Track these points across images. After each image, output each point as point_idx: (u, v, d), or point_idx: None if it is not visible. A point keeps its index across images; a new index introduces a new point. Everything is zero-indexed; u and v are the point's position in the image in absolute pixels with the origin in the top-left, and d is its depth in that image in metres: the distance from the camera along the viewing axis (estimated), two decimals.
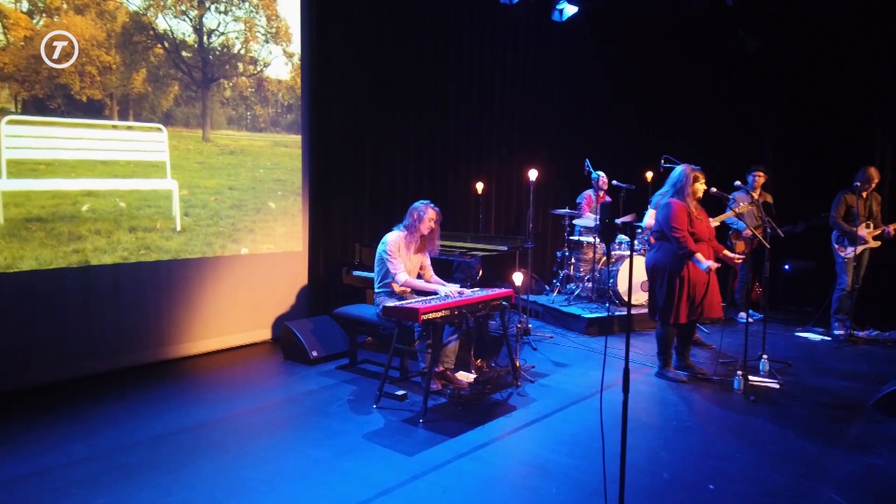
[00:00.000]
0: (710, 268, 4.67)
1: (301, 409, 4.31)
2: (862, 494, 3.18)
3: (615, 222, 2.46)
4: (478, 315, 4.62)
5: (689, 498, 3.12)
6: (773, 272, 7.90)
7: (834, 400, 4.61)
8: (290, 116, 6.09)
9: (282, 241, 6.04)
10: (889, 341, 6.33)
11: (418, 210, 4.74)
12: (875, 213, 6.37)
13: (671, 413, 4.34)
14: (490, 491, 3.19)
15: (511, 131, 8.30)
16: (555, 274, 7.93)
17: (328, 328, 5.56)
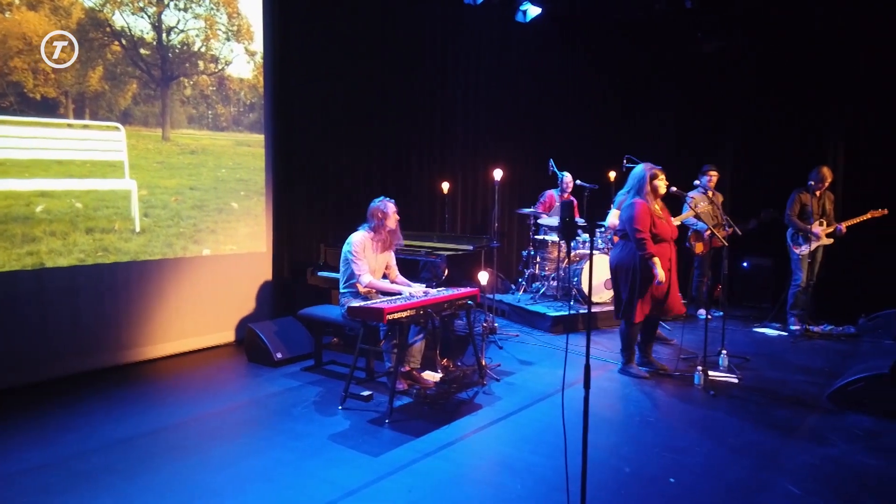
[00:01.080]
0: (662, 279, 4.74)
1: (265, 411, 4.27)
2: (817, 485, 3.27)
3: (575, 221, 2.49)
4: (443, 314, 4.64)
5: (650, 492, 3.18)
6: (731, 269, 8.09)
7: (790, 393, 4.74)
8: (253, 115, 6.01)
9: (245, 242, 5.96)
10: (843, 335, 6.53)
11: (381, 208, 4.73)
12: (828, 211, 6.56)
13: (634, 409, 4.41)
14: (455, 489, 3.20)
15: (476, 131, 8.33)
16: (520, 273, 7.98)
17: (293, 329, 5.51)
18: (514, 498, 3.10)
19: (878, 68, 7.45)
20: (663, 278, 4.74)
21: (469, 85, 8.16)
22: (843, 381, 4.42)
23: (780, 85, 8.01)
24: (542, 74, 8.87)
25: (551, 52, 8.83)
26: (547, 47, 8.76)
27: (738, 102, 8.42)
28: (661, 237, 4.87)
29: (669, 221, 5.04)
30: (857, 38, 7.44)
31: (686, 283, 7.57)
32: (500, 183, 6.80)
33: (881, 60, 7.42)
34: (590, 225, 2.69)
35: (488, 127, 8.43)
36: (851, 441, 3.83)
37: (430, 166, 7.75)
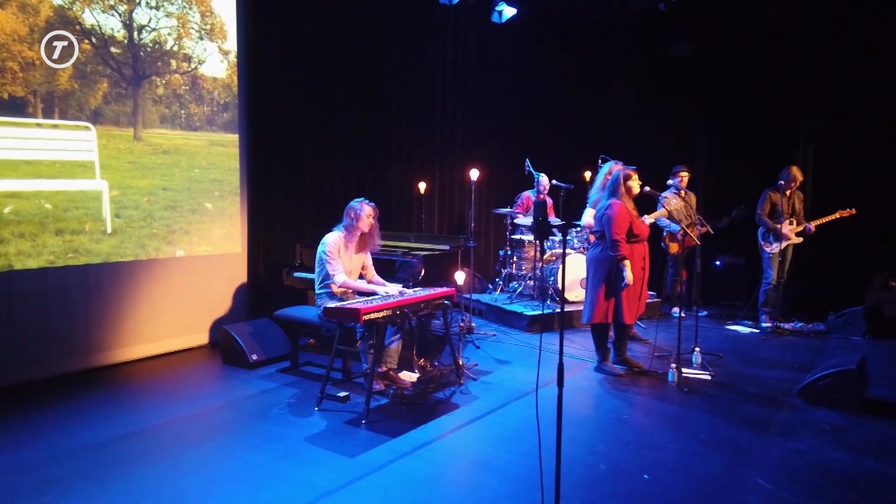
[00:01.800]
0: (630, 282, 4.79)
1: (240, 413, 4.23)
2: (787, 479, 3.33)
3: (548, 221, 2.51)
4: (420, 314, 4.64)
5: (625, 488, 3.21)
6: (704, 268, 8.22)
7: (762, 389, 4.82)
8: (227, 115, 5.95)
9: (219, 243, 5.90)
10: (812, 332, 6.66)
11: (355, 209, 4.72)
12: (797, 210, 6.69)
13: (609, 406, 4.45)
14: (431, 489, 3.20)
15: (453, 131, 8.34)
16: (497, 272, 8.01)
17: (268, 331, 5.47)
18: (491, 497, 3.11)
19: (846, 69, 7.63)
20: (631, 281, 4.79)
21: (446, 85, 8.17)
22: (813, 377, 4.51)
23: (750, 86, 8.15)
24: (519, 75, 8.91)
25: (527, 52, 8.87)
26: (523, 48, 8.80)
27: (711, 103, 8.55)
28: (640, 237, 4.93)
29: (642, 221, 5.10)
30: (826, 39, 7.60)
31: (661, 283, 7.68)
32: (476, 183, 6.83)
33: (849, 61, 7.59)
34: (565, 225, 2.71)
35: (465, 127, 8.45)
36: (820, 435, 3.91)
37: (408, 166, 7.75)
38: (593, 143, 7.91)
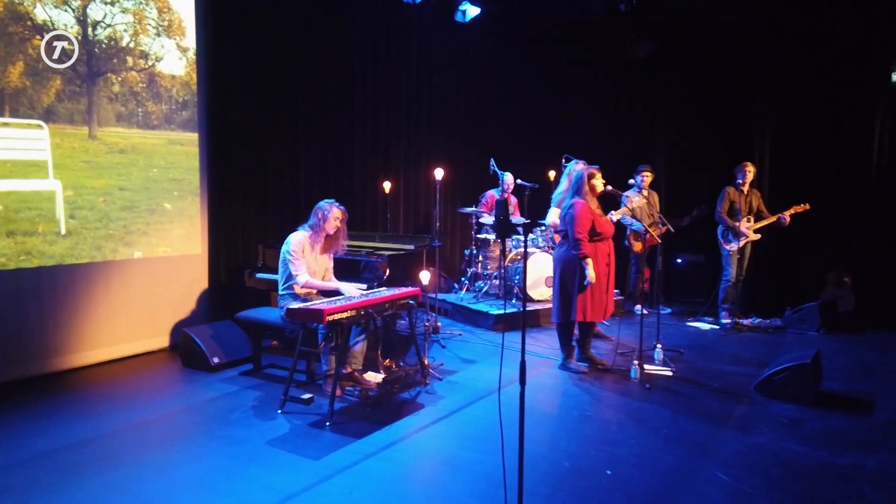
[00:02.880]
0: (591, 280, 4.85)
1: (201, 417, 4.15)
2: (745, 471, 3.41)
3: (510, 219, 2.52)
4: (385, 314, 4.61)
5: (588, 484, 3.25)
6: (666, 266, 8.38)
7: (721, 384, 4.92)
8: (186, 113, 5.84)
9: (179, 244, 5.78)
10: (770, 328, 6.83)
11: (323, 209, 4.67)
12: (755, 207, 6.85)
13: (573, 403, 4.50)
14: (396, 489, 3.19)
15: (418, 131, 8.33)
16: (463, 272, 8.03)
17: (230, 333, 5.38)
18: (455, 495, 3.11)
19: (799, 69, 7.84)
20: (593, 279, 4.84)
21: (410, 84, 8.15)
22: (770, 372, 4.63)
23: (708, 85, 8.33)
24: (483, 74, 8.94)
25: (491, 51, 8.90)
26: (487, 47, 8.84)
27: (671, 103, 8.71)
28: (604, 236, 4.98)
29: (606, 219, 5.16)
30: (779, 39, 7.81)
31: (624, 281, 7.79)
32: (441, 182, 6.83)
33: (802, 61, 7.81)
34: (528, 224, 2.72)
35: (430, 127, 8.44)
36: (777, 429, 4.01)
37: (373, 166, 7.71)
38: (557, 143, 7.98)
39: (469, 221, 7.78)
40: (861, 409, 4.38)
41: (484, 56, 8.86)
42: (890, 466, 3.47)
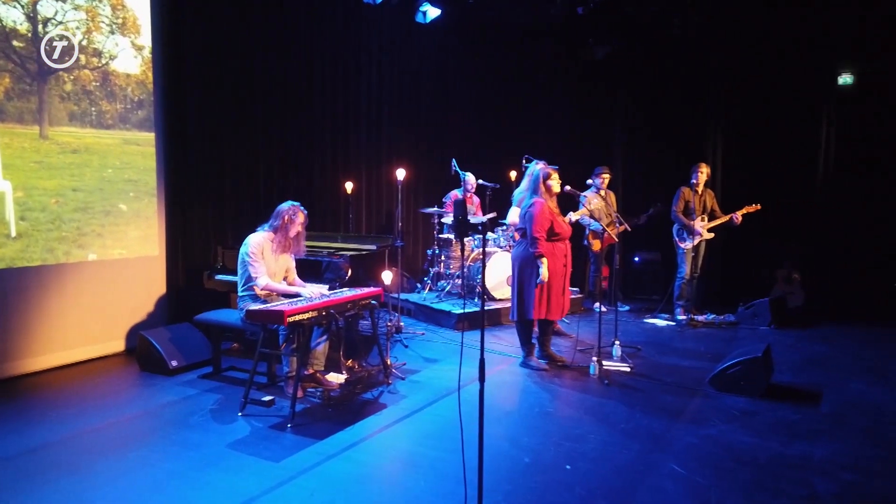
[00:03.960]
0: (544, 279, 4.92)
1: (159, 422, 4.08)
2: (699, 463, 3.51)
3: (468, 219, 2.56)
4: (347, 315, 4.60)
5: (548, 479, 3.30)
6: (623, 264, 8.55)
7: (677, 379, 5.05)
8: (142, 113, 5.72)
9: (135, 246, 5.67)
10: (724, 323, 7.02)
11: (288, 213, 4.63)
12: (709, 207, 7.04)
13: (533, 400, 4.56)
14: (358, 489, 3.20)
15: (380, 131, 8.31)
16: (426, 272, 8.05)
17: (189, 336, 5.30)
18: (418, 494, 3.13)
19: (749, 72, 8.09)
20: (545, 278, 4.92)
21: (372, 85, 8.13)
22: (723, 366, 4.77)
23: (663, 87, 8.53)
24: (444, 75, 8.97)
25: (452, 52, 8.95)
26: (448, 48, 8.87)
27: (628, 104, 8.89)
28: (561, 236, 5.06)
29: (563, 219, 5.24)
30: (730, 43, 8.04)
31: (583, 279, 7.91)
32: (404, 183, 6.84)
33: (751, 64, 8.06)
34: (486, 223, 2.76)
35: (392, 127, 8.44)
36: (729, 421, 4.14)
37: (334, 166, 7.67)
38: (519, 143, 8.07)
39: (431, 221, 7.81)
40: (809, 401, 4.55)
41: (445, 57, 8.90)
42: (836, 455, 3.62)
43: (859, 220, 7.84)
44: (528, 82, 9.37)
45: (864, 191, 7.81)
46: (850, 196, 7.89)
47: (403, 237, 7.88)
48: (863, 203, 7.83)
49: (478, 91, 9.24)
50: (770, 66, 7.95)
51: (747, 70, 8.08)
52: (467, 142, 9.01)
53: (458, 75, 9.08)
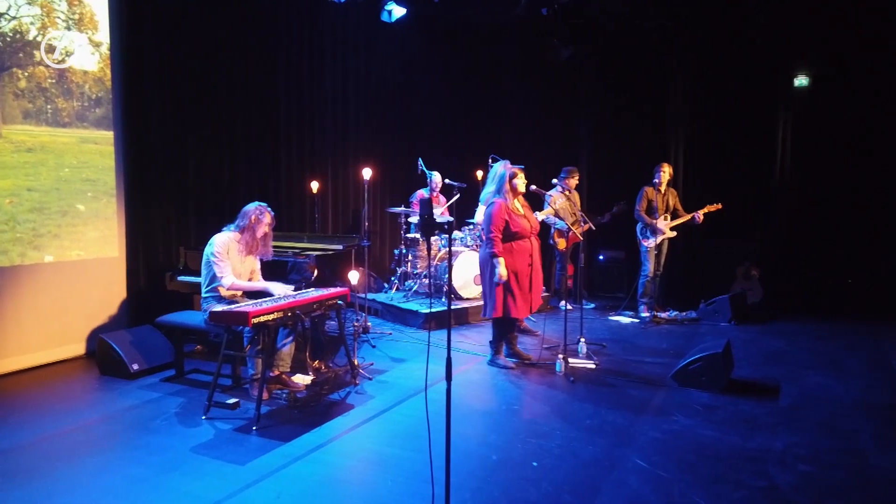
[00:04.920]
0: (502, 279, 4.96)
1: (120, 426, 4.00)
2: (662, 457, 3.57)
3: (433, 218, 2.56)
4: (313, 315, 4.57)
5: (515, 476, 3.33)
6: (588, 262, 8.66)
7: (641, 375, 5.14)
8: (100, 111, 5.59)
9: (94, 247, 5.54)
10: (686, 320, 7.16)
11: (255, 213, 4.57)
12: (671, 206, 7.17)
13: (501, 398, 4.59)
14: (325, 491, 3.18)
15: (346, 131, 8.26)
16: (393, 271, 8.03)
17: (151, 338, 5.19)
18: (385, 494, 3.13)
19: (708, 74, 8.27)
20: (504, 278, 4.95)
21: (338, 84, 8.07)
22: (685, 362, 4.86)
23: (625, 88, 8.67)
24: (411, 74, 8.96)
25: (418, 52, 8.94)
26: (414, 48, 8.86)
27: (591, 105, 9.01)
28: (521, 234, 5.09)
29: (531, 218, 5.28)
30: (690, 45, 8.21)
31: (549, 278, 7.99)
32: (370, 182, 6.81)
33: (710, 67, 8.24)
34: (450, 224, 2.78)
35: (358, 126, 8.40)
36: (691, 416, 4.22)
37: (300, 165, 7.60)
38: (485, 143, 8.11)
39: (398, 221, 7.80)
40: (768, 395, 4.67)
41: (411, 56, 8.88)
42: (793, 448, 3.72)
43: (815, 218, 8.09)
44: (494, 82, 9.41)
45: (820, 189, 8.06)
46: (806, 194, 8.13)
47: (370, 237, 7.85)
48: (818, 201, 8.08)
49: (444, 91, 9.25)
50: (729, 68, 8.14)
51: (707, 72, 8.26)
52: (434, 141, 9.01)
53: (425, 75, 9.07)
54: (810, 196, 8.10)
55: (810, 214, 8.10)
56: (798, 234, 8.13)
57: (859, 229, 7.89)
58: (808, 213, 8.11)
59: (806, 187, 8.12)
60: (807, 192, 8.12)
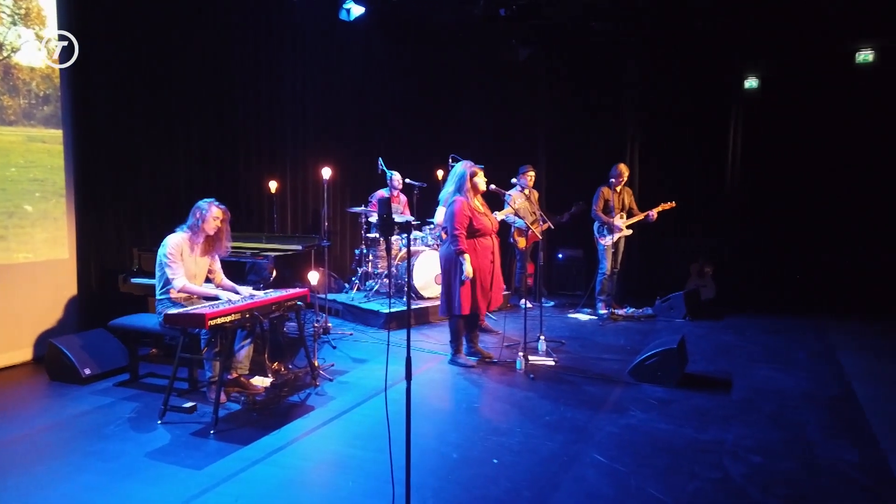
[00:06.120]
0: (468, 276, 5.00)
1: (71, 433, 3.89)
2: (619, 451, 3.64)
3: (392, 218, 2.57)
4: (272, 317, 4.52)
5: (476, 474, 3.35)
6: (548, 261, 8.76)
7: (599, 371, 5.23)
8: (48, 108, 5.42)
9: (43, 249, 5.37)
10: (642, 316, 7.32)
11: (201, 209, 4.49)
12: (627, 205, 7.32)
13: (462, 396, 4.62)
14: (285, 494, 3.15)
15: (305, 130, 8.18)
16: (354, 271, 7.99)
17: (104, 342, 5.06)
18: (346, 495, 3.12)
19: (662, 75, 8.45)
20: (470, 275, 5.00)
21: (296, 82, 7.99)
22: (641, 357, 4.97)
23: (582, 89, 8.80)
24: (370, 73, 8.92)
25: (377, 51, 8.90)
26: (373, 47, 8.83)
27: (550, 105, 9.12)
28: (483, 232, 5.13)
29: (491, 217, 5.33)
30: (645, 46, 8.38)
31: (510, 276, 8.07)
32: (330, 182, 6.76)
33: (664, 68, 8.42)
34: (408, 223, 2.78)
35: (317, 125, 8.32)
36: (647, 410, 4.31)
37: (258, 164, 7.49)
38: (446, 143, 8.14)
39: (359, 221, 7.76)
40: (721, 388, 4.80)
41: (370, 55, 8.84)
42: (744, 439, 3.83)
43: (765, 216, 8.35)
44: (454, 82, 9.45)
45: (770, 188, 8.31)
46: (757, 193, 8.38)
47: (330, 237, 7.80)
48: (768, 200, 8.33)
49: (404, 90, 9.24)
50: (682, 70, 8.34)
51: (661, 75, 8.45)
52: (394, 141, 8.99)
53: (384, 74, 9.05)
54: (761, 195, 8.35)
55: (761, 213, 8.36)
56: (749, 232, 8.39)
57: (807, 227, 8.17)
58: (758, 211, 8.37)
59: (756, 187, 8.37)
60: (757, 191, 8.37)
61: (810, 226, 8.15)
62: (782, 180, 8.23)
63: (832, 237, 8.09)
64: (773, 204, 8.30)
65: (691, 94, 8.34)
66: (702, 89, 8.32)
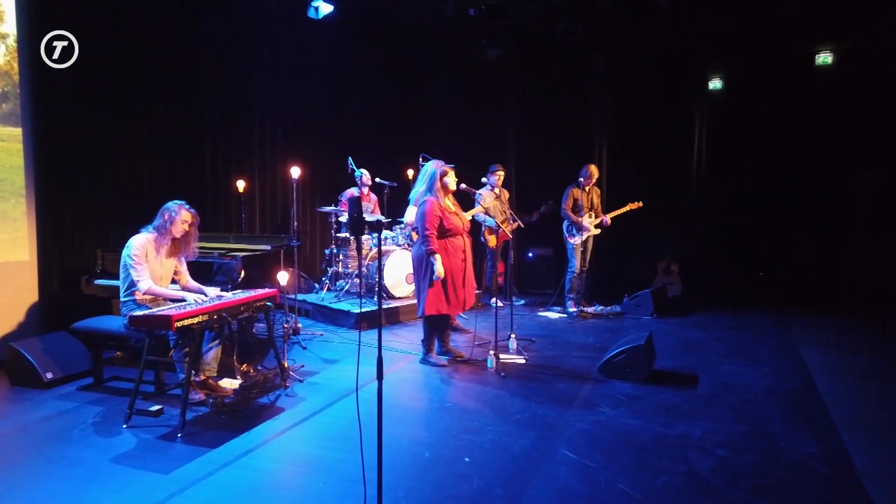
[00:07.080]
0: (440, 276, 5.01)
1: (33, 438, 3.79)
2: (589, 447, 3.69)
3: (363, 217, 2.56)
4: (240, 318, 4.46)
5: (448, 472, 3.36)
6: (518, 260, 8.82)
7: (568, 368, 5.28)
8: (6, 106, 5.27)
9: (2, 251, 5.22)
10: (611, 314, 7.41)
11: (170, 211, 4.42)
12: (595, 205, 7.41)
13: (433, 396, 4.62)
14: (255, 496, 3.12)
15: (273, 129, 8.10)
16: (324, 271, 7.94)
17: (66, 346, 4.94)
18: (317, 497, 3.10)
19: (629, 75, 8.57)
20: (442, 275, 5.00)
21: (264, 81, 7.90)
22: (610, 354, 5.03)
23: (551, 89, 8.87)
24: (339, 72, 8.87)
25: (346, 50, 8.85)
26: (342, 45, 8.77)
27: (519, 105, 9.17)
28: (453, 231, 5.14)
29: (462, 216, 5.34)
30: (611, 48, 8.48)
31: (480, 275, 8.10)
32: (299, 181, 6.71)
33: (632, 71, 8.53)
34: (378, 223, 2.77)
35: (286, 125, 8.24)
36: (616, 406, 4.37)
37: (225, 164, 7.39)
38: (416, 142, 8.13)
39: (329, 220, 7.71)
40: (687, 384, 4.89)
41: (339, 54, 8.79)
42: (711, 433, 3.91)
43: (730, 215, 8.52)
44: (424, 81, 9.44)
45: (734, 186, 8.49)
46: (722, 192, 8.54)
47: (300, 237, 7.73)
48: (733, 198, 8.51)
49: (373, 89, 9.21)
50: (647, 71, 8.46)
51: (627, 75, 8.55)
52: (364, 140, 8.95)
53: (353, 73, 9.00)
54: (725, 194, 8.52)
55: (726, 212, 8.53)
56: (714, 230, 8.55)
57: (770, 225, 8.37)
58: (723, 210, 8.54)
59: (721, 186, 8.54)
60: (722, 190, 8.54)
61: (773, 224, 8.35)
62: (746, 179, 8.41)
63: (794, 235, 8.31)
64: (737, 202, 8.48)
65: (657, 95, 8.46)
66: (667, 90, 8.45)
